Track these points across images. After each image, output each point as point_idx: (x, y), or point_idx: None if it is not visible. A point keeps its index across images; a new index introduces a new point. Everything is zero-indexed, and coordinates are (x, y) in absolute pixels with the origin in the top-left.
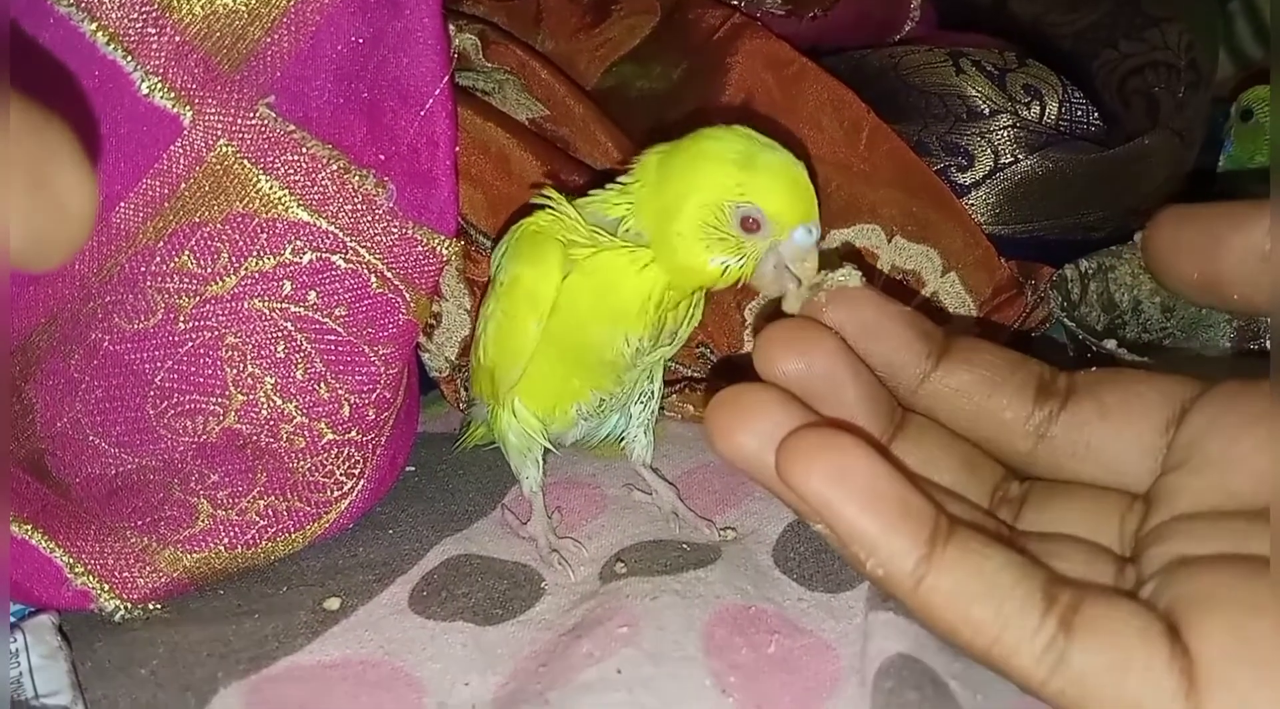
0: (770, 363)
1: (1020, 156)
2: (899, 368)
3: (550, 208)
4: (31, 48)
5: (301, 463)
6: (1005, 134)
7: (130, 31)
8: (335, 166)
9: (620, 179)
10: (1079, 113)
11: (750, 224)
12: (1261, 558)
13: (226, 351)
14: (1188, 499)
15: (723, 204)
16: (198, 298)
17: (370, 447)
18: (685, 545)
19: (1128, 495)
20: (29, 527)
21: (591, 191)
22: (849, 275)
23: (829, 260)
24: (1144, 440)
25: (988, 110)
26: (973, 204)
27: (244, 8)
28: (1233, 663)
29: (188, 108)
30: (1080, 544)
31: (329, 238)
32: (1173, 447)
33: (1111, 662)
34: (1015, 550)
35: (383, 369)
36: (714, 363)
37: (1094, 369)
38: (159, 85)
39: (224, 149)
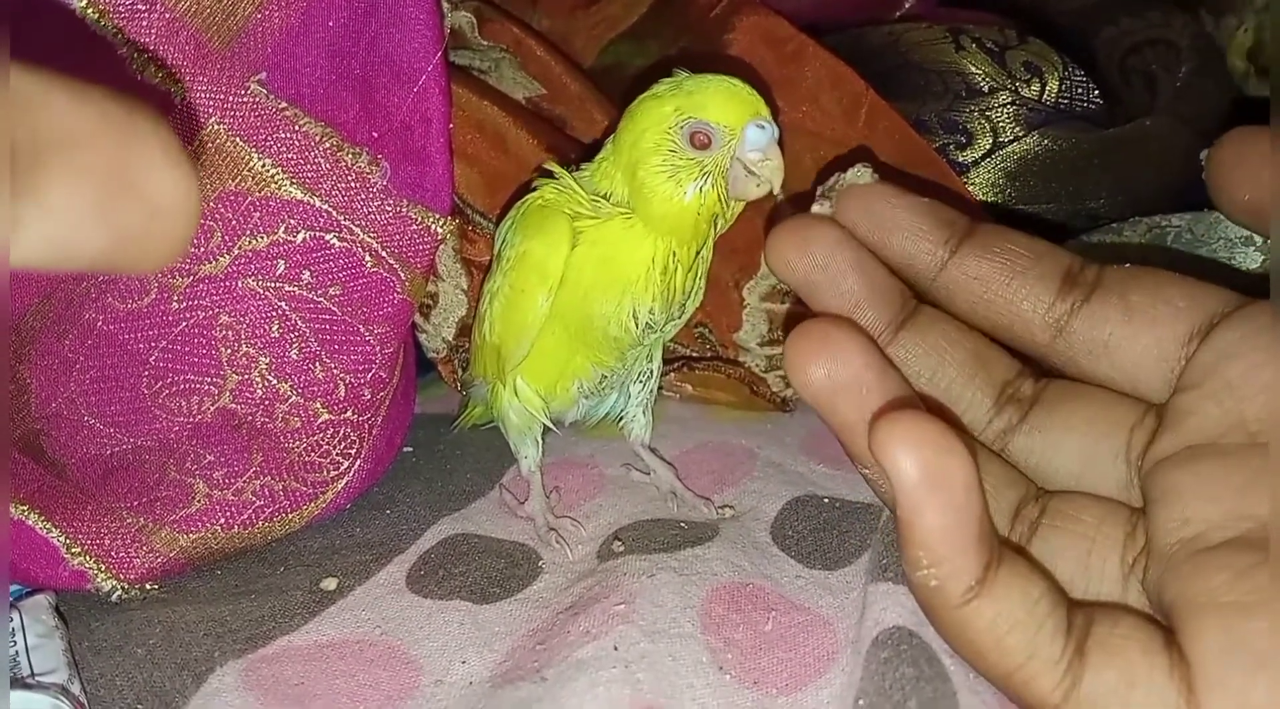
0: (779, 260)
1: (1020, 134)
2: (915, 256)
3: (555, 181)
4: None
5: (297, 443)
6: (1005, 112)
7: (120, 7)
8: (328, 144)
9: (598, 156)
10: (1079, 91)
11: (700, 139)
12: (1258, 538)
13: (221, 331)
14: (1200, 426)
15: (667, 131)
16: (191, 277)
17: (366, 427)
18: (683, 524)
19: (1140, 405)
20: (25, 507)
21: (583, 165)
22: (860, 173)
23: (844, 166)
24: (1163, 348)
25: (987, 88)
26: (973, 183)
27: None
28: (1227, 664)
29: (178, 85)
30: (1096, 502)
31: (323, 216)
32: (1193, 362)
33: (1118, 681)
34: (1048, 578)
35: (378, 349)
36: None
37: (1127, 265)
38: (149, 62)
39: (215, 127)
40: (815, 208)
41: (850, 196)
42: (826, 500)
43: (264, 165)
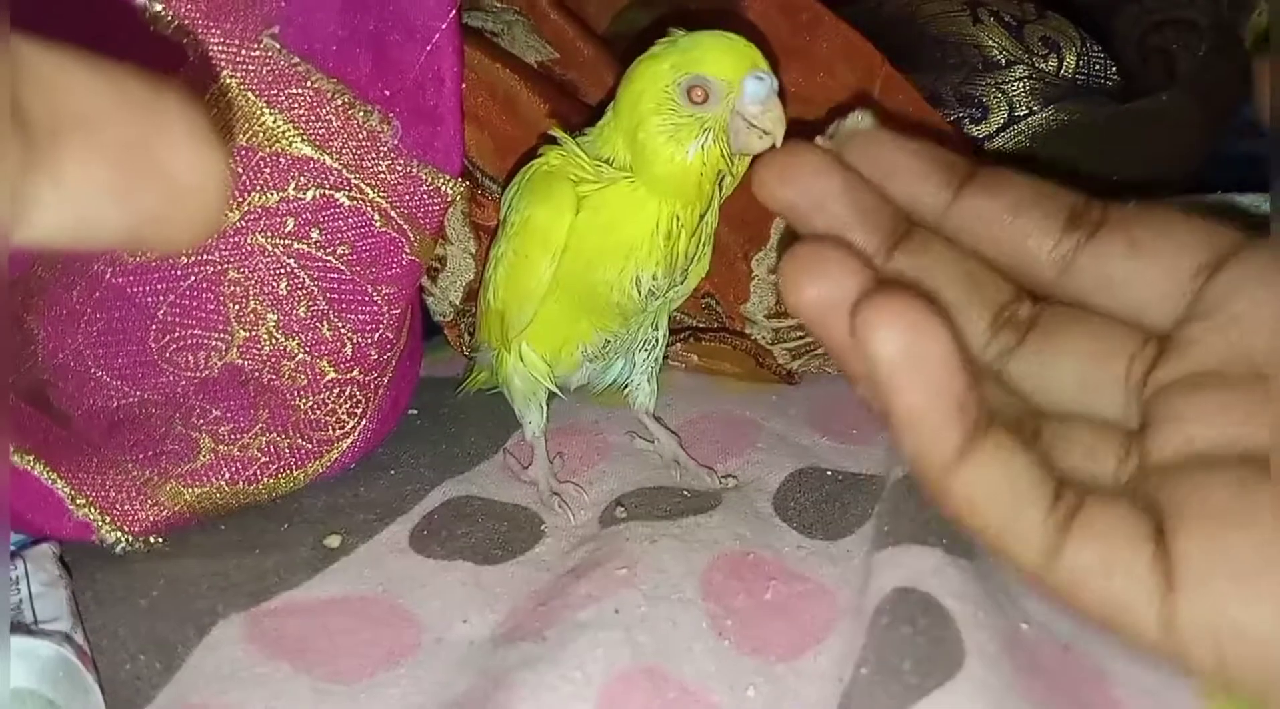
0: (763, 187)
1: (1035, 108)
2: (918, 200)
3: (559, 147)
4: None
5: (303, 401)
6: (1021, 85)
7: None
8: (340, 101)
9: (600, 122)
10: (1096, 67)
11: (698, 94)
12: (1258, 458)
13: (229, 287)
14: (1203, 355)
15: (666, 89)
16: None
17: (372, 387)
18: (685, 492)
19: (1141, 333)
20: (30, 457)
21: (587, 130)
22: (859, 119)
23: (844, 113)
24: (1172, 282)
25: (1004, 61)
26: (987, 157)
27: None
28: (1210, 573)
29: (191, 37)
30: (1090, 425)
31: (333, 174)
32: (1201, 295)
33: (1099, 563)
34: (1036, 452)
35: (385, 309)
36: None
37: (1133, 203)
38: (163, 13)
39: (227, 80)
40: None
41: (850, 144)
42: (829, 473)
43: (275, 121)
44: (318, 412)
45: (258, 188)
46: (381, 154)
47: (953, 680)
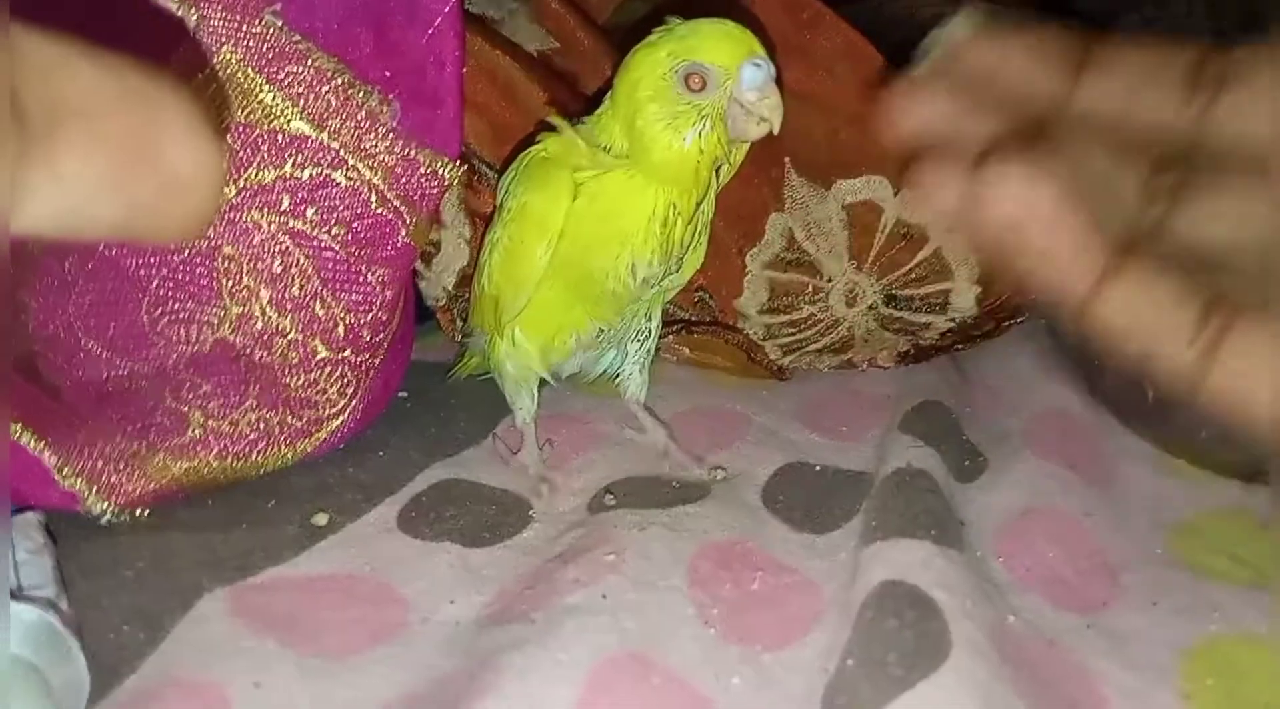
0: (892, 135)
1: None
2: (1035, 101)
3: (558, 134)
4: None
5: (295, 379)
6: None
7: None
8: (340, 80)
9: (598, 110)
10: None
11: (695, 81)
12: None
13: (223, 262)
14: None
15: (663, 77)
16: None
17: (364, 368)
18: (675, 482)
19: None
20: (19, 426)
21: (584, 118)
22: (958, 28)
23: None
24: None
25: None
26: None
27: None
28: None
29: (193, 10)
30: (1249, 268)
31: (330, 154)
32: None
33: (1241, 389)
34: (1178, 275)
35: (379, 290)
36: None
37: (1252, 45)
38: None
39: (228, 55)
40: (915, 70)
41: (954, 58)
42: (817, 468)
43: (274, 98)
44: (309, 390)
45: (254, 165)
46: (380, 135)
47: (937, 673)
